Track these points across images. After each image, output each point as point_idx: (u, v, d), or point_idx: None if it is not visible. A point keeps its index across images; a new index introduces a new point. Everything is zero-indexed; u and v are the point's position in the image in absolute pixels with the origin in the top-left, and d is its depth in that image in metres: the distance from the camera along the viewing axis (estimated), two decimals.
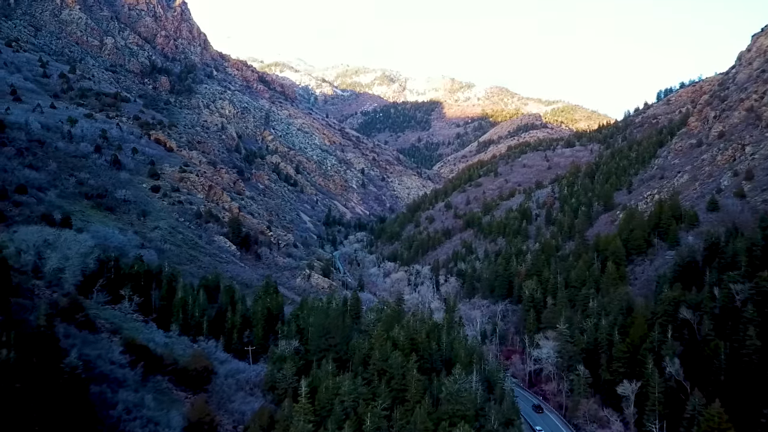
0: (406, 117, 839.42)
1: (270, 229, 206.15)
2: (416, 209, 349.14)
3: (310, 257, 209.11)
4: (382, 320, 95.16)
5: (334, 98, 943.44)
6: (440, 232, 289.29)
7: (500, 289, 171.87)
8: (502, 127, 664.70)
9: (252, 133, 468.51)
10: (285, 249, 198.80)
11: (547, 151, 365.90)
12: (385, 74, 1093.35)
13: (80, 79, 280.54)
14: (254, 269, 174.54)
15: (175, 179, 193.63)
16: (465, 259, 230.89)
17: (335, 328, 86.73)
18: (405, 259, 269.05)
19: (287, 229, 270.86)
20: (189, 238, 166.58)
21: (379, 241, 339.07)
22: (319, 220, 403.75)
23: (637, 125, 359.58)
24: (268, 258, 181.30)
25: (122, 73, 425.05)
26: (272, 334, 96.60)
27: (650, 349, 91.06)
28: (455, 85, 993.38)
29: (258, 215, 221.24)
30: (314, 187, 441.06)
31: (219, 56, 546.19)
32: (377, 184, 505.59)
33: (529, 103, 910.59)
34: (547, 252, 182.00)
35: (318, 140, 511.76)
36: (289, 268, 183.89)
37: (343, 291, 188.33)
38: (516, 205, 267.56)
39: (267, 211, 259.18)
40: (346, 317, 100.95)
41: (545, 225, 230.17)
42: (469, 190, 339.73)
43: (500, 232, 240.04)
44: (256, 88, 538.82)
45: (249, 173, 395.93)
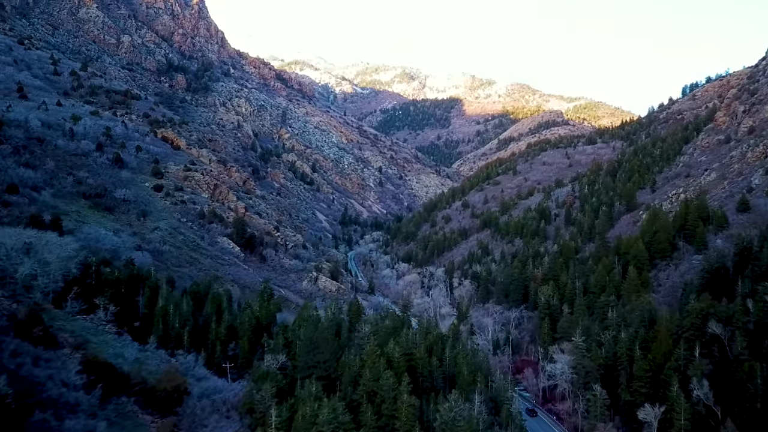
0: (425, 114, 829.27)
1: (278, 229, 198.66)
2: (432, 208, 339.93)
3: (318, 259, 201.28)
4: (379, 333, 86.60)
5: (353, 96, 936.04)
6: (456, 232, 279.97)
7: (515, 294, 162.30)
8: (522, 124, 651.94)
9: (268, 131, 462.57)
10: (293, 250, 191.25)
11: (567, 149, 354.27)
12: (405, 72, 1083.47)
13: (91, 77, 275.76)
14: (258, 271, 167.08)
15: (180, 178, 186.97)
16: (480, 261, 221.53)
17: (324, 342, 78.37)
18: (420, 260, 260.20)
19: (298, 229, 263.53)
20: (190, 239, 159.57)
21: (394, 241, 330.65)
22: (335, 220, 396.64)
23: (662, 121, 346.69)
24: (273, 260, 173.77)
25: (138, 72, 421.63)
26: (260, 347, 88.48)
27: (675, 369, 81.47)
28: (476, 82, 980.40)
29: (266, 215, 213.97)
30: (331, 185, 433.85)
31: (236, 54, 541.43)
32: (395, 183, 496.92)
33: (550, 100, 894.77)
34: (565, 254, 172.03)
35: (335, 138, 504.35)
36: (295, 270, 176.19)
37: (352, 294, 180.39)
38: (534, 205, 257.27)
39: (278, 211, 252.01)
40: (342, 329, 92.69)
41: (564, 225, 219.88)
42: (487, 189, 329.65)
43: (518, 232, 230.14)
44: (274, 86, 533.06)
45: (264, 172, 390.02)
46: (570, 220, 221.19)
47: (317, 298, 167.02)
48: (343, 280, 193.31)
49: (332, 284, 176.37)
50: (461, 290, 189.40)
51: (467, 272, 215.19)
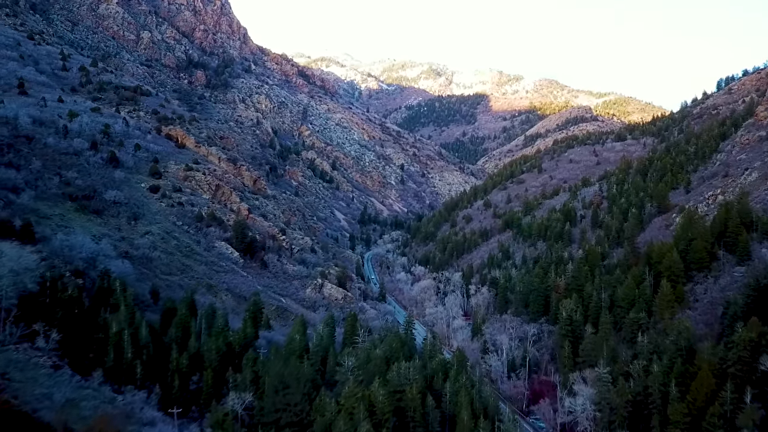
0: (451, 111, 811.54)
1: (284, 232, 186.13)
2: (453, 207, 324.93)
3: (327, 263, 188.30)
4: (364, 367, 73.03)
5: (378, 93, 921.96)
6: (477, 233, 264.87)
7: (535, 305, 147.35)
8: (550, 120, 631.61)
9: (288, 128, 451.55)
10: (299, 255, 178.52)
11: (595, 146, 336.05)
12: (432, 68, 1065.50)
13: (101, 73, 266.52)
14: (258, 278, 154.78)
15: (179, 178, 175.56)
16: (500, 265, 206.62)
17: (295, 381, 65.10)
18: (437, 263, 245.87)
19: (311, 231, 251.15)
20: (184, 244, 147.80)
21: (413, 241, 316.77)
22: (354, 219, 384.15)
23: (695, 117, 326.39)
24: (275, 266, 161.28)
25: (157, 68, 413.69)
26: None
27: (721, 415, 66.59)
28: (503, 78, 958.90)
29: (273, 217, 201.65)
30: (350, 183, 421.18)
31: (258, 50, 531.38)
32: (417, 180, 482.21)
33: (579, 96, 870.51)
34: (591, 261, 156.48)
35: (357, 135, 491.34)
36: (299, 276, 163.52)
37: (359, 303, 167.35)
38: (559, 205, 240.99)
39: (290, 211, 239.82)
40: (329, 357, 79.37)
41: (591, 228, 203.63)
42: (511, 188, 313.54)
43: (540, 234, 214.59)
44: (296, 82, 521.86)
45: (282, 170, 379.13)
46: (597, 222, 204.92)
47: (321, 308, 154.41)
48: (351, 286, 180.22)
49: (338, 292, 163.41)
50: (478, 298, 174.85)
51: (486, 277, 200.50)
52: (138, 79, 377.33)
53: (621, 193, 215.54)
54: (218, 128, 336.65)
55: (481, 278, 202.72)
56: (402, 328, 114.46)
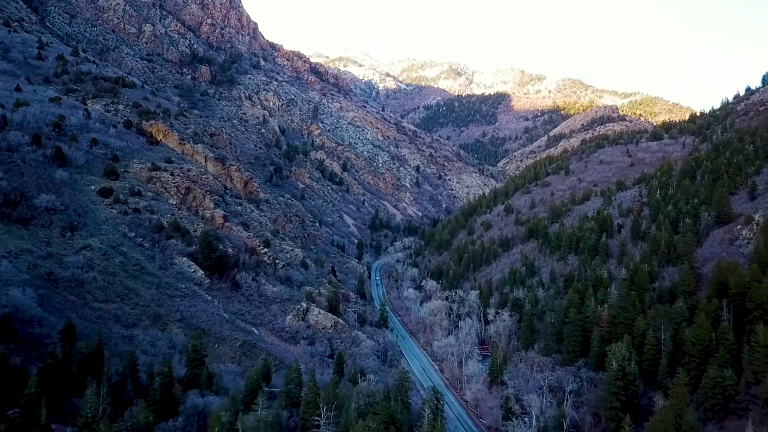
0: (470, 110, 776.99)
1: (268, 244, 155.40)
2: (471, 213, 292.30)
3: (319, 280, 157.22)
4: None
5: (396, 92, 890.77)
6: (497, 243, 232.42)
7: (571, 341, 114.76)
8: (574, 120, 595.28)
9: (297, 127, 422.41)
10: (284, 271, 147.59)
11: (628, 145, 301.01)
12: (452, 68, 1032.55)
13: (82, 62, 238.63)
14: (226, 304, 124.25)
15: (142, 179, 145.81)
16: (524, 282, 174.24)
17: None
18: (452, 276, 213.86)
19: (309, 240, 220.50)
20: (133, 261, 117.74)
21: (426, 249, 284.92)
22: (364, 224, 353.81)
23: (740, 113, 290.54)
24: (250, 287, 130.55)
25: (159, 63, 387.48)
26: None
27: None
28: (525, 78, 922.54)
29: (259, 225, 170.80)
30: (362, 185, 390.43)
31: (269, 46, 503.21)
32: (433, 183, 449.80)
33: (604, 96, 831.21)
34: (638, 284, 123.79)
35: (370, 135, 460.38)
36: (279, 299, 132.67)
37: (354, 332, 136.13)
38: (592, 212, 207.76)
39: (284, 217, 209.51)
40: None
41: (631, 240, 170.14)
42: (535, 191, 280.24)
43: (571, 247, 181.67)
44: (307, 79, 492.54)
45: (288, 171, 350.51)
46: (638, 233, 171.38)
47: (303, 340, 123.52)
48: (347, 309, 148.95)
49: (328, 318, 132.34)
50: (498, 325, 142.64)
51: (506, 297, 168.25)
52: (137, 74, 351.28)
53: (666, 199, 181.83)
54: (218, 126, 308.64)
55: (501, 298, 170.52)
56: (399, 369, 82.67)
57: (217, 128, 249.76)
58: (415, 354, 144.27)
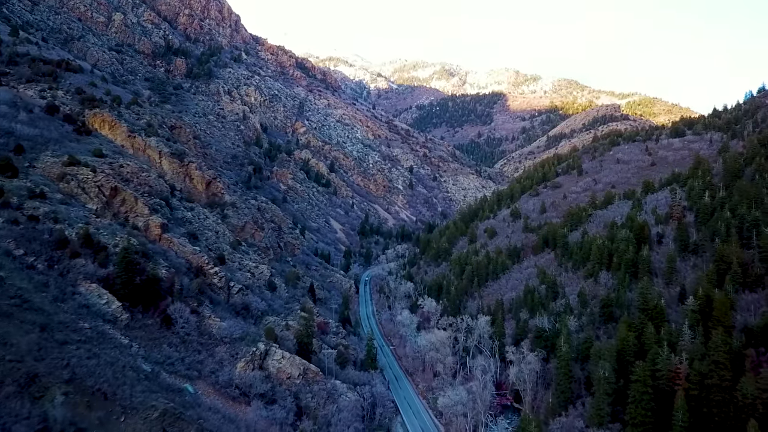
0: (465, 110, 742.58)
1: (221, 261, 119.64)
2: (472, 218, 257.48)
3: (289, 306, 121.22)
4: None
5: (388, 92, 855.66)
6: (505, 253, 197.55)
7: (640, 409, 79.36)
8: (575, 120, 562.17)
9: (281, 124, 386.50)
10: (240, 297, 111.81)
11: (647, 143, 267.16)
12: (445, 68, 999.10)
13: (20, 44, 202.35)
14: (150, 348, 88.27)
15: (51, 176, 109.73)
16: (546, 306, 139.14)
17: None
18: (453, 294, 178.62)
19: (286, 251, 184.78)
20: (12, 290, 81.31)
21: (422, 258, 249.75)
22: (353, 229, 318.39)
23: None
24: (188, 322, 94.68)
25: (129, 54, 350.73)
26: None
27: None
28: (519, 78, 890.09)
29: (214, 236, 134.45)
30: (351, 187, 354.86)
31: (252, 39, 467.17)
32: (427, 185, 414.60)
33: (601, 96, 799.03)
34: (719, 319, 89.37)
35: (360, 133, 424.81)
36: (229, 339, 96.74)
37: (330, 381, 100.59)
38: (620, 218, 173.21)
39: (254, 224, 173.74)
40: None
41: (678, 253, 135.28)
42: (544, 193, 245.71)
43: (602, 261, 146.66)
44: (293, 74, 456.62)
45: (269, 171, 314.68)
46: (687, 245, 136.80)
47: (257, 398, 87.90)
48: (323, 344, 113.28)
49: (295, 364, 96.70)
50: (522, 368, 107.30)
51: (526, 325, 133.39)
52: (103, 65, 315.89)
53: (717, 203, 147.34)
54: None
55: (518, 327, 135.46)
56: None
57: (180, 120, 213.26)
58: (413, 407, 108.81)
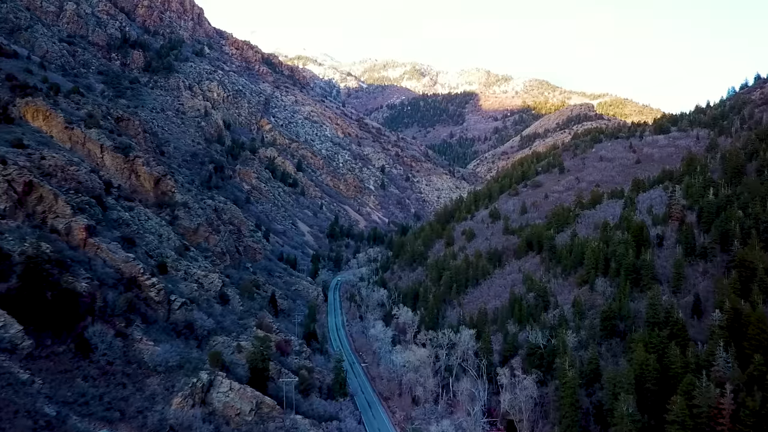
0: (437, 110, 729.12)
1: (163, 270, 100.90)
2: (448, 219, 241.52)
3: (242, 323, 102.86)
4: None
5: (358, 91, 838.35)
6: (485, 256, 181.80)
7: None
8: (549, 119, 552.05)
9: (246, 121, 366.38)
10: (182, 313, 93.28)
11: (631, 139, 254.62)
12: (416, 68, 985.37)
13: None
14: (59, 384, 69.43)
15: None
16: (537, 318, 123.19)
17: None
18: (431, 302, 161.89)
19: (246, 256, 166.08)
20: None
21: (396, 262, 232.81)
22: (322, 231, 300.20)
23: (759, 103, 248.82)
24: (111, 348, 75.89)
25: (82, 46, 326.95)
26: None
27: None
28: (491, 78, 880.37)
29: (155, 240, 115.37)
30: (320, 187, 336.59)
31: (216, 33, 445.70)
32: (400, 185, 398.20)
33: (572, 97, 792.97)
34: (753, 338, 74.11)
35: (329, 131, 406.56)
36: (164, 367, 78.14)
37: (290, 416, 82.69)
38: (612, 218, 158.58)
39: (208, 226, 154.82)
40: None
41: (684, 256, 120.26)
42: (525, 193, 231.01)
43: (597, 266, 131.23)
44: (259, 70, 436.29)
45: (231, 170, 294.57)
46: (692, 247, 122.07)
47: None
48: (283, 369, 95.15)
49: (245, 397, 78.60)
50: (518, 395, 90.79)
51: (515, 339, 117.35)
52: (53, 57, 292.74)
53: (720, 201, 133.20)
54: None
55: (507, 342, 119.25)
56: None
57: (128, 112, 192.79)
58: None
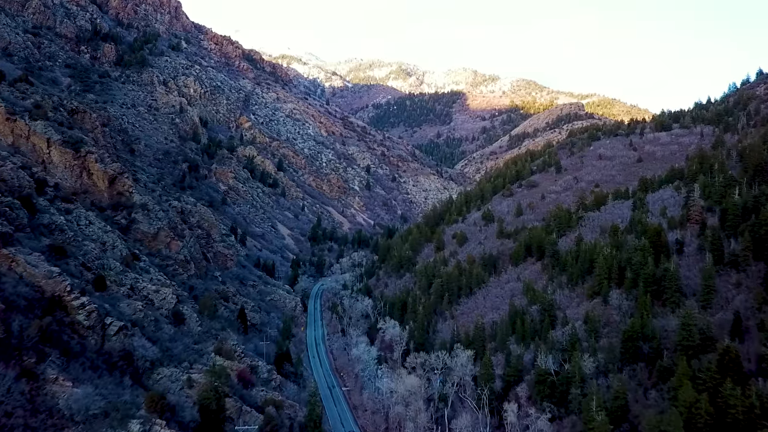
0: (423, 110, 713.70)
1: (101, 285, 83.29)
2: (437, 221, 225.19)
3: (197, 348, 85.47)
4: None
5: (343, 91, 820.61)
6: (479, 263, 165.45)
7: None
8: (538, 119, 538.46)
9: (224, 118, 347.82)
10: (121, 339, 75.69)
11: (631, 137, 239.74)
12: (402, 68, 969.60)
13: None
14: None
15: None
16: (544, 336, 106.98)
17: None
18: (420, 314, 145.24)
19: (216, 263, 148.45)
20: None
21: (381, 268, 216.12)
22: (303, 234, 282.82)
23: (763, 99, 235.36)
24: (10, 394, 58.28)
25: (48, 37, 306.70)
26: None
27: None
28: (478, 78, 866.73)
29: (96, 250, 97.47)
30: (301, 188, 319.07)
31: (194, 27, 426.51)
32: (386, 186, 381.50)
33: (560, 97, 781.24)
34: None
35: (312, 130, 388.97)
36: (81, 417, 60.38)
37: None
38: (620, 220, 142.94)
39: (170, 231, 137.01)
40: None
41: (712, 263, 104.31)
42: (519, 193, 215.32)
43: (610, 276, 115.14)
44: (239, 66, 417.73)
45: (207, 169, 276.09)
46: (720, 254, 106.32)
47: None
48: (243, 406, 77.73)
49: None
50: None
51: (519, 363, 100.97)
52: (15, 48, 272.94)
53: (746, 202, 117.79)
54: (121, 114, 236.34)
55: (511, 366, 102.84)
56: None
57: (84, 104, 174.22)
58: None
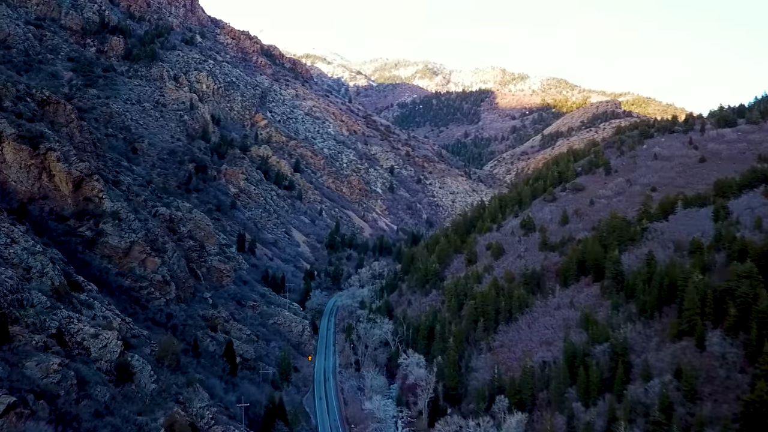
0: (450, 109, 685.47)
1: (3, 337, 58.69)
2: (469, 229, 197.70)
3: (142, 419, 60.55)
4: None
5: (368, 90, 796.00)
6: (520, 280, 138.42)
7: None
8: (572, 118, 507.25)
9: (238, 116, 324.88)
10: (9, 424, 51.28)
11: (690, 134, 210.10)
12: (428, 67, 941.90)
13: None
14: None
15: None
16: (617, 391, 79.53)
17: None
18: (451, 349, 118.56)
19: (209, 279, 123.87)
20: None
21: (405, 281, 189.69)
22: (320, 241, 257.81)
23: None
24: None
25: (52, 29, 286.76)
26: None
27: None
28: (506, 77, 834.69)
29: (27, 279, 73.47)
30: (320, 190, 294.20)
31: (210, 22, 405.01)
32: (410, 188, 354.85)
33: (592, 95, 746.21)
34: None
35: (333, 129, 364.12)
36: None
37: None
38: (701, 233, 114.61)
39: (149, 243, 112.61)
40: None
41: None
42: (563, 198, 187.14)
43: (703, 311, 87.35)
44: (256, 61, 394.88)
45: (216, 170, 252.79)
46: None
47: None
48: None
49: None
50: None
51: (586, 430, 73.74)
52: (16, 40, 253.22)
53: None
54: (124, 110, 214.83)
55: (568, 427, 75.60)
56: None
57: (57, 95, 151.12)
58: None
